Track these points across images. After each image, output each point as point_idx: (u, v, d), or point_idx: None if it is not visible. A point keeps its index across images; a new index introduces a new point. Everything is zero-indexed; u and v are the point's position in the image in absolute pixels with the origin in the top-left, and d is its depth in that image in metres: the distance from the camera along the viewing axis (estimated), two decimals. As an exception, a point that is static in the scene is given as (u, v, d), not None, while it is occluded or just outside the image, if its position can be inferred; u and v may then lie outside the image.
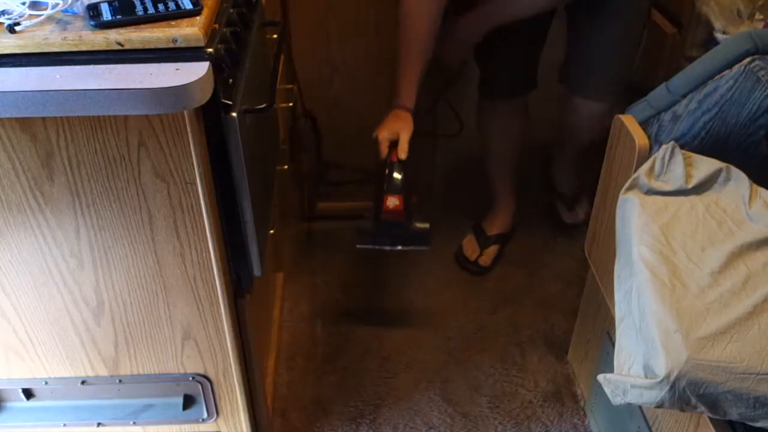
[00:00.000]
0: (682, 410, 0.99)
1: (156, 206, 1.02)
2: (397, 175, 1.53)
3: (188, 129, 0.94)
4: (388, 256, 1.62)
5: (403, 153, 1.53)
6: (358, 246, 1.60)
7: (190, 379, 1.26)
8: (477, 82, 1.86)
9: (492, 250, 2.02)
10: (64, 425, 1.30)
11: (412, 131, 1.54)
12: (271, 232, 1.33)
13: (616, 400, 1.05)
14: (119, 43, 0.90)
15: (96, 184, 1.00)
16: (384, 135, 1.53)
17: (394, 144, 1.54)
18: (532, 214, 2.15)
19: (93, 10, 0.93)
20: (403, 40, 1.53)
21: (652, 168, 1.19)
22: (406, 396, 1.67)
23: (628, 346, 1.06)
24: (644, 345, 1.01)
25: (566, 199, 2.10)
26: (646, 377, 0.99)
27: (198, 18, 0.94)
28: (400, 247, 1.59)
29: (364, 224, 1.59)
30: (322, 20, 1.80)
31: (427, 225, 1.58)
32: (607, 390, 1.06)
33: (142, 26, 0.92)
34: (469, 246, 2.04)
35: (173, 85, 0.86)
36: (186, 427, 1.35)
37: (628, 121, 1.28)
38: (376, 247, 1.59)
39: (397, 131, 1.54)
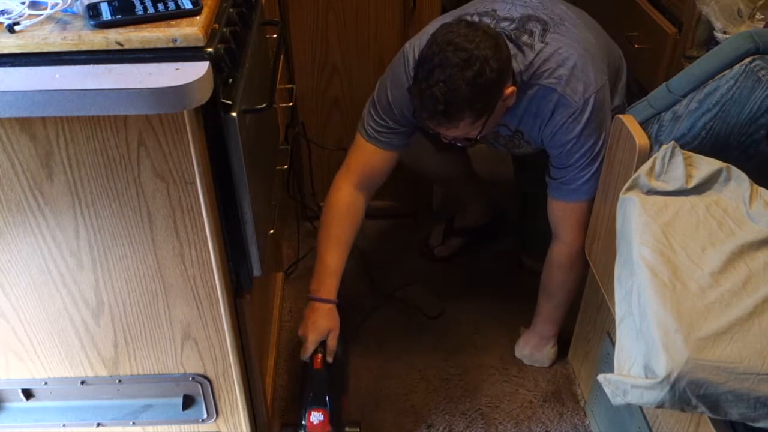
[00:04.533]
0: (683, 410, 0.99)
1: (155, 206, 1.02)
2: (322, 386, 1.45)
3: (188, 129, 0.94)
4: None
5: (331, 357, 1.49)
6: None
7: (190, 379, 1.26)
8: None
9: (455, 242, 2.06)
10: (64, 425, 1.30)
11: (339, 328, 1.51)
12: (271, 232, 1.33)
13: (617, 400, 1.05)
14: (119, 43, 0.90)
15: (95, 183, 1.00)
16: (313, 338, 1.47)
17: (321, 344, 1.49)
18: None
19: (92, 10, 0.92)
20: (326, 233, 1.55)
21: (652, 168, 1.19)
22: (405, 396, 1.67)
23: (629, 346, 1.06)
24: (644, 345, 1.01)
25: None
26: (647, 377, 0.99)
27: (198, 18, 0.94)
28: None
29: (288, 429, 1.52)
30: (322, 20, 1.80)
31: (357, 429, 1.51)
32: (607, 390, 1.06)
33: (142, 26, 0.92)
34: (436, 234, 2.09)
35: (173, 84, 0.86)
36: (186, 427, 1.35)
37: (629, 121, 1.28)
38: None
39: (325, 331, 1.49)
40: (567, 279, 1.60)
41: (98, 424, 1.31)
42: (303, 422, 1.43)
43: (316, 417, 1.43)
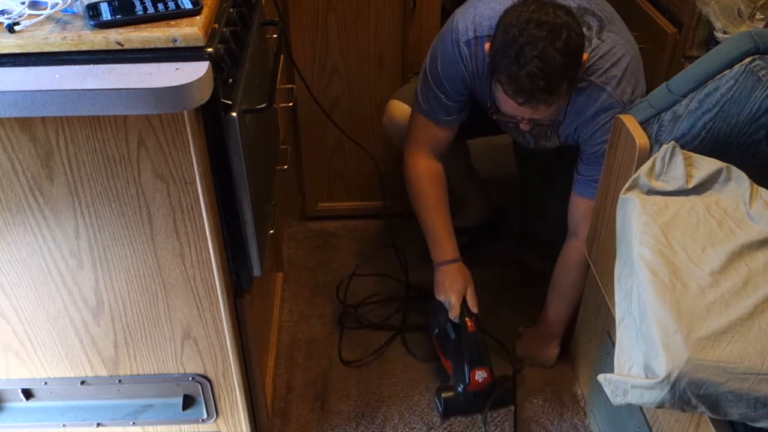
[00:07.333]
0: (683, 410, 0.99)
1: (156, 206, 1.02)
2: (479, 347, 1.57)
3: (188, 129, 0.94)
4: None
5: (475, 308, 1.60)
6: (445, 417, 1.62)
7: (190, 379, 1.26)
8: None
9: None
10: (64, 426, 1.30)
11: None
12: (271, 232, 1.33)
13: (617, 400, 1.05)
14: (119, 43, 0.90)
15: (95, 183, 1.00)
16: (457, 297, 1.58)
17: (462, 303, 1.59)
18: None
19: (92, 10, 0.92)
20: (424, 202, 1.62)
21: (652, 168, 1.19)
22: (406, 396, 1.67)
23: (629, 347, 1.06)
24: (644, 345, 1.01)
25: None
26: (647, 377, 0.99)
27: (198, 18, 0.94)
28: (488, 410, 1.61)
29: (449, 394, 1.59)
30: (322, 20, 1.80)
31: (509, 383, 1.63)
32: (607, 390, 1.06)
33: (142, 26, 0.92)
34: None
35: (173, 84, 0.86)
36: (186, 427, 1.35)
37: (629, 121, 1.28)
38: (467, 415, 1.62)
39: (464, 288, 1.59)
40: (582, 278, 1.59)
41: (98, 424, 1.31)
42: (467, 381, 1.56)
43: (480, 375, 1.56)
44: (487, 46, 1.33)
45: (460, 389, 1.58)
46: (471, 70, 1.45)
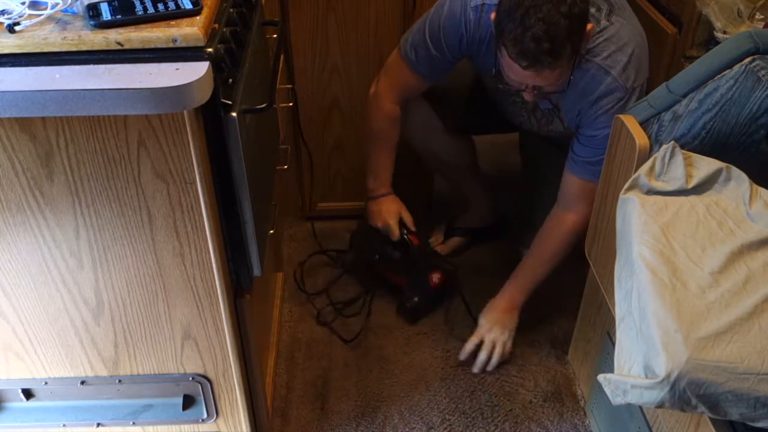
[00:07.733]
0: (683, 410, 0.99)
1: (156, 206, 1.02)
2: (429, 255, 1.84)
3: (188, 129, 0.94)
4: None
5: (413, 226, 1.80)
6: (413, 323, 1.84)
7: (190, 379, 1.26)
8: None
9: (454, 241, 2.07)
10: (64, 426, 1.30)
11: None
12: (271, 232, 1.33)
13: (617, 400, 1.05)
14: (119, 43, 0.90)
15: (96, 183, 1.00)
16: (394, 220, 1.78)
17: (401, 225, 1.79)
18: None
19: (93, 10, 0.93)
20: (378, 139, 1.75)
21: (652, 168, 1.19)
22: (406, 396, 1.67)
23: (629, 346, 1.06)
24: (644, 345, 1.01)
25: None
26: (647, 377, 0.99)
27: (198, 18, 0.94)
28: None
29: (412, 302, 1.83)
30: (322, 20, 1.80)
31: (455, 273, 1.86)
32: (607, 390, 1.06)
33: (142, 26, 0.92)
34: (437, 233, 2.10)
35: (173, 84, 0.86)
36: (186, 427, 1.35)
37: (629, 121, 1.28)
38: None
39: (398, 212, 1.79)
40: (566, 250, 1.59)
41: (98, 424, 1.31)
42: (428, 285, 1.80)
43: (436, 277, 1.81)
44: (492, 15, 1.35)
45: (421, 294, 1.80)
46: (471, 35, 1.48)
